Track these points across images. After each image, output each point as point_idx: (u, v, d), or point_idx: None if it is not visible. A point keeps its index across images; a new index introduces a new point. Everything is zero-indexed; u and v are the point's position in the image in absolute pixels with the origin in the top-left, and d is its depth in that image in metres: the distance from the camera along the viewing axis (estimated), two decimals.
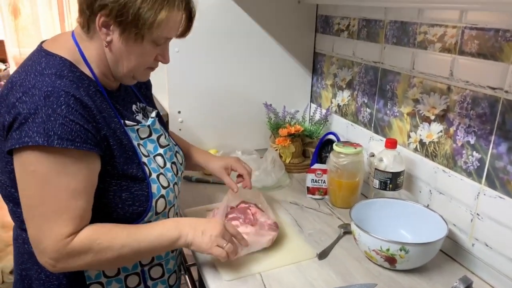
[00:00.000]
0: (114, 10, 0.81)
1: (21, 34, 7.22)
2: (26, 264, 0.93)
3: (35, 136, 0.76)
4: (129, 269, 0.96)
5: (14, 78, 0.84)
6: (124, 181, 0.89)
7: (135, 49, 0.87)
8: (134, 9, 0.81)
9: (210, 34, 1.55)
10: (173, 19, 0.86)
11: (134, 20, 0.82)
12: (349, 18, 1.49)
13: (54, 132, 0.76)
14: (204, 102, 1.62)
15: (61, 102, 0.78)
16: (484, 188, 1.01)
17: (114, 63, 0.89)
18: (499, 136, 0.96)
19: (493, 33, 0.95)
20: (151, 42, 0.87)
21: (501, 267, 0.98)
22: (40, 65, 0.83)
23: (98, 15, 0.82)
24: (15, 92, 0.80)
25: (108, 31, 0.84)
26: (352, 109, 1.53)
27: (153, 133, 1.00)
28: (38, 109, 0.77)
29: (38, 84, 0.79)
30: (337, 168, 1.29)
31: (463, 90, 1.05)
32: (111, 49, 0.87)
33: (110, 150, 0.87)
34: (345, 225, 1.21)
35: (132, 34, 0.84)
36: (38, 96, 0.78)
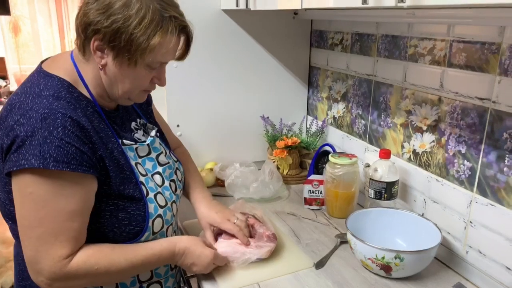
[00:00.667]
0: (107, 35, 0.82)
1: (22, 51, 7.30)
2: (27, 281, 0.93)
3: (31, 159, 0.77)
4: (127, 285, 0.97)
5: (13, 100, 0.85)
6: (121, 201, 0.90)
7: (129, 73, 0.87)
8: (127, 34, 0.81)
9: (208, 50, 1.59)
10: (166, 44, 0.86)
11: (126, 45, 0.82)
12: (343, 33, 1.53)
13: (50, 155, 0.77)
14: (202, 116, 1.65)
15: (57, 124, 0.79)
16: (476, 196, 1.03)
17: (109, 85, 0.90)
18: (488, 145, 0.99)
19: (479, 46, 0.99)
20: (145, 66, 0.88)
21: (495, 273, 0.99)
22: (39, 87, 0.85)
23: (92, 39, 0.83)
24: (13, 115, 0.81)
25: (102, 54, 0.85)
26: (347, 121, 1.56)
27: (152, 151, 1.01)
28: (35, 132, 0.78)
29: (36, 106, 0.80)
30: (333, 179, 1.32)
31: (453, 101, 1.08)
32: (106, 72, 0.88)
33: (106, 170, 0.88)
34: (341, 235, 1.23)
35: (125, 58, 0.84)
36: (35, 118, 0.79)
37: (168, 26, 0.85)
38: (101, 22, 0.81)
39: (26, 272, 0.92)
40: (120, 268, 0.87)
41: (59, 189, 0.80)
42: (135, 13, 0.81)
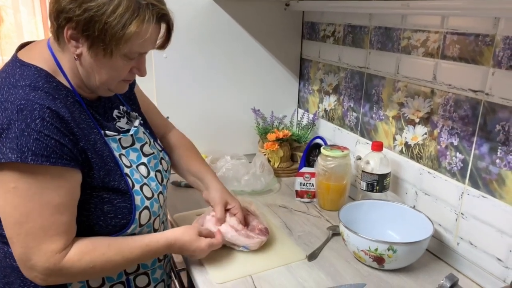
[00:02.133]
0: (80, 24, 0.77)
1: (4, 42, 7.12)
2: (9, 278, 0.91)
3: (8, 153, 0.73)
4: (114, 278, 0.95)
5: None
6: (106, 193, 0.87)
7: (105, 63, 0.83)
8: (101, 23, 0.77)
9: (198, 40, 1.57)
10: (143, 33, 0.81)
11: (101, 35, 0.78)
12: (335, 25, 1.52)
13: (28, 148, 0.74)
14: (192, 108, 1.63)
15: (35, 116, 0.75)
16: (468, 188, 1.04)
17: (86, 76, 0.86)
18: (481, 137, 0.99)
19: (473, 37, 0.99)
20: (123, 56, 0.83)
21: (485, 264, 1.00)
22: (14, 77, 0.81)
23: (65, 27, 0.79)
24: None
25: (77, 43, 0.81)
26: (338, 114, 1.56)
27: (136, 142, 0.98)
28: (11, 124, 0.74)
29: (11, 97, 0.76)
30: (325, 171, 1.31)
31: (446, 93, 1.08)
32: (81, 63, 0.84)
33: (89, 163, 0.84)
34: (333, 227, 1.23)
35: (100, 48, 0.80)
36: (10, 110, 0.75)
37: (145, 14, 0.80)
38: (73, 10, 0.76)
39: (7, 269, 0.90)
40: (116, 265, 0.88)
41: (43, 183, 0.77)
42: (109, 1, 0.76)
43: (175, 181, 1.50)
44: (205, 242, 0.99)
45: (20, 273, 0.87)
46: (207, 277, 1.01)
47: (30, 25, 6.81)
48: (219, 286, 0.98)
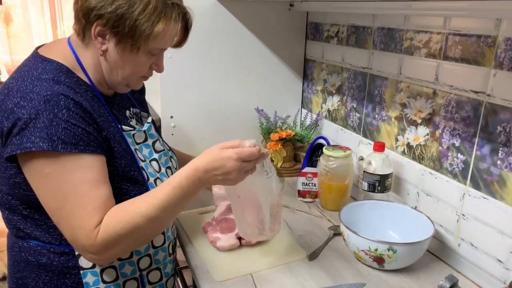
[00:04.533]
0: (111, 20, 0.81)
1: (13, 42, 7.21)
2: (22, 273, 0.93)
3: (39, 141, 0.76)
4: (128, 274, 0.95)
5: (10, 84, 0.83)
6: (124, 184, 0.89)
7: (130, 59, 0.87)
8: (131, 20, 0.81)
9: (203, 41, 1.58)
10: (169, 31, 0.87)
11: (130, 32, 0.82)
12: (338, 25, 1.53)
13: (58, 137, 0.77)
14: (196, 107, 1.64)
15: (61, 106, 0.78)
16: (469, 189, 1.04)
17: (109, 71, 0.90)
18: (482, 138, 0.99)
19: (475, 39, 0.99)
20: (147, 52, 0.88)
21: (486, 266, 1.00)
22: (37, 70, 0.83)
23: (94, 24, 0.83)
24: (12, 98, 0.80)
25: (103, 40, 0.85)
26: (341, 114, 1.56)
27: (149, 138, 1.01)
28: (39, 114, 0.77)
29: (36, 89, 0.79)
30: (327, 171, 1.32)
31: (447, 94, 1.08)
32: (106, 58, 0.88)
33: (111, 151, 0.87)
34: (335, 227, 1.23)
35: (128, 44, 0.84)
36: (37, 100, 0.78)
37: (171, 13, 0.85)
38: (105, 7, 0.81)
39: (21, 263, 0.92)
40: (147, 216, 0.80)
41: (74, 166, 0.79)
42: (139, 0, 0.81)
43: None
44: (231, 150, 0.84)
45: (34, 268, 0.90)
46: (208, 275, 1.02)
47: (39, 25, 6.88)
48: (220, 284, 0.99)
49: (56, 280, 0.90)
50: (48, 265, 0.90)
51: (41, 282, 0.91)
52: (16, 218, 0.89)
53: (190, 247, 1.14)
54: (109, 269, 0.92)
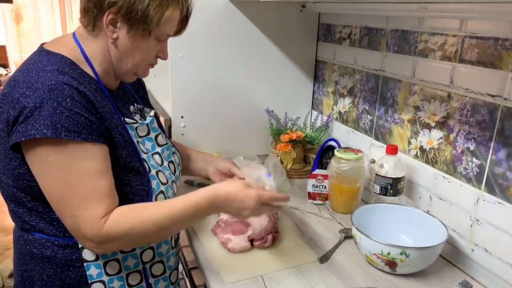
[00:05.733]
0: (124, 7, 0.84)
1: (23, 40, 7.26)
2: (27, 265, 0.94)
3: (43, 129, 0.77)
4: (131, 266, 0.96)
5: (16, 76, 0.85)
6: (126, 175, 0.90)
7: (140, 45, 0.90)
8: (143, 6, 0.85)
9: (214, 41, 1.57)
10: (176, 16, 0.92)
11: (142, 17, 0.86)
12: (351, 27, 1.52)
13: (62, 125, 0.78)
14: (206, 107, 1.64)
15: (65, 95, 0.80)
16: (484, 194, 1.02)
17: (119, 59, 0.92)
18: (498, 143, 0.98)
19: (492, 41, 0.97)
20: (155, 38, 0.91)
21: (500, 272, 0.99)
22: (42, 63, 0.85)
23: (107, 12, 0.85)
24: (18, 88, 0.82)
25: (114, 28, 0.88)
26: (353, 116, 1.55)
27: (151, 131, 1.02)
28: (44, 102, 0.78)
29: (41, 79, 0.81)
30: (338, 174, 1.31)
31: (463, 98, 1.06)
32: (116, 46, 0.90)
33: (113, 141, 0.89)
34: (345, 230, 1.22)
35: (140, 30, 0.87)
36: (42, 90, 0.79)
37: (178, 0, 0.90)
38: None
39: (27, 256, 0.93)
40: (158, 224, 0.84)
41: (77, 155, 0.81)
42: None
43: (188, 179, 1.51)
44: (255, 191, 0.90)
45: (38, 260, 0.91)
46: (219, 276, 1.02)
47: (48, 24, 6.93)
48: (230, 285, 0.99)
49: (60, 272, 0.91)
50: (52, 257, 0.91)
51: (45, 275, 0.92)
52: (21, 210, 0.90)
53: (200, 248, 1.13)
54: (113, 262, 0.93)
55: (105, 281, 0.93)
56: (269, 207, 0.94)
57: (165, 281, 1.04)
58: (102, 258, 0.92)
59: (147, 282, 0.99)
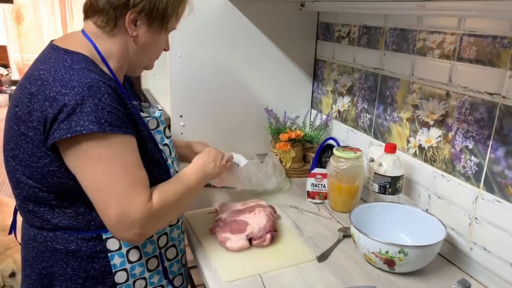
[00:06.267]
0: (146, 8, 0.92)
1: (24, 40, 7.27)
2: (47, 262, 0.95)
3: (88, 124, 0.81)
4: (150, 252, 1.02)
5: (42, 75, 0.86)
6: (148, 166, 0.93)
7: (157, 40, 0.99)
8: (162, 5, 0.93)
9: (213, 40, 1.57)
10: (184, 12, 1.02)
11: (162, 14, 0.94)
12: (350, 25, 1.52)
13: (105, 120, 0.83)
14: (205, 107, 1.64)
15: (102, 91, 0.84)
16: (482, 193, 1.02)
17: (138, 54, 0.99)
18: (496, 141, 0.98)
19: (490, 40, 0.97)
20: (166, 32, 1.00)
21: (499, 270, 0.99)
22: (66, 61, 0.87)
23: (129, 12, 0.91)
24: (50, 87, 0.83)
25: (135, 27, 0.94)
26: (352, 115, 1.55)
27: (160, 124, 1.06)
28: (85, 100, 0.81)
29: (75, 77, 0.84)
30: (337, 173, 1.31)
31: (461, 96, 1.06)
32: (137, 43, 0.96)
33: (140, 135, 0.94)
34: (344, 229, 1.22)
35: (158, 27, 0.96)
36: (80, 87, 0.82)
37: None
38: None
39: (47, 253, 0.95)
40: (185, 194, 0.99)
41: (120, 147, 0.86)
42: None
43: None
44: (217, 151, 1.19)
45: (62, 255, 0.94)
46: (217, 274, 1.02)
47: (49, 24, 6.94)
48: (228, 284, 0.99)
49: (84, 265, 0.95)
50: (76, 251, 0.94)
51: (70, 269, 0.95)
52: (42, 209, 0.92)
53: (198, 247, 1.13)
54: (134, 250, 0.98)
55: (127, 268, 0.98)
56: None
57: (178, 264, 1.10)
58: (125, 246, 0.97)
59: (163, 266, 1.05)
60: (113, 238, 0.95)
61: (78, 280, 0.95)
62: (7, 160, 0.93)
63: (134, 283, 1.00)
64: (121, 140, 0.86)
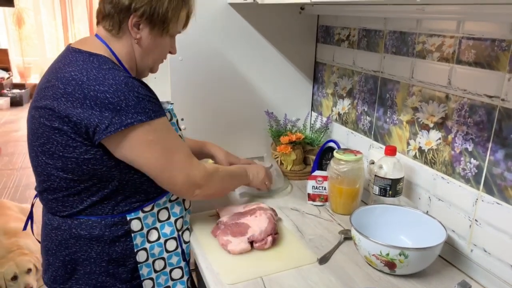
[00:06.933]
0: (147, 11, 0.98)
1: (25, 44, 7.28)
2: (71, 249, 1.02)
3: (137, 116, 0.92)
4: (168, 234, 1.10)
5: (75, 77, 0.92)
6: None
7: (159, 42, 1.05)
8: (163, 9, 0.99)
9: (213, 43, 1.58)
10: (187, 15, 1.07)
11: (162, 18, 1.00)
12: (349, 28, 1.53)
13: (149, 109, 0.94)
14: (206, 110, 1.65)
15: (136, 85, 0.94)
16: (482, 195, 1.03)
17: (142, 56, 1.05)
18: (496, 143, 0.98)
19: (489, 43, 0.98)
20: (170, 36, 1.06)
21: (499, 272, 0.99)
22: (94, 63, 0.94)
23: (131, 16, 0.98)
24: (87, 86, 0.91)
25: (137, 30, 1.01)
26: (352, 117, 1.55)
27: (173, 117, 1.14)
28: (126, 95, 0.91)
29: (109, 76, 0.92)
30: (338, 175, 1.31)
31: (461, 99, 1.07)
32: (140, 45, 1.03)
33: None
34: (345, 231, 1.23)
35: (160, 30, 1.02)
36: (118, 85, 0.91)
37: (188, 1, 1.05)
38: (141, 1, 0.97)
39: (71, 240, 1.02)
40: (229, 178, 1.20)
41: (164, 128, 0.99)
42: None
43: None
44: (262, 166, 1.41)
45: (86, 240, 1.01)
46: (218, 277, 1.02)
47: (50, 27, 6.96)
48: (230, 287, 0.99)
49: (107, 248, 1.02)
50: (100, 236, 1.01)
51: (94, 252, 1.02)
52: (72, 198, 1.00)
53: (200, 249, 1.14)
54: (153, 230, 1.07)
55: (147, 248, 1.06)
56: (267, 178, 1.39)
57: (190, 247, 1.18)
58: (146, 227, 1.05)
59: (181, 248, 1.13)
60: (136, 219, 1.03)
61: (102, 263, 1.02)
62: (37, 155, 0.99)
63: (153, 262, 1.08)
64: (163, 122, 0.98)
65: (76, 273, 1.03)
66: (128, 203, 1.03)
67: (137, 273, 1.06)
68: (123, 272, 1.04)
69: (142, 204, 1.05)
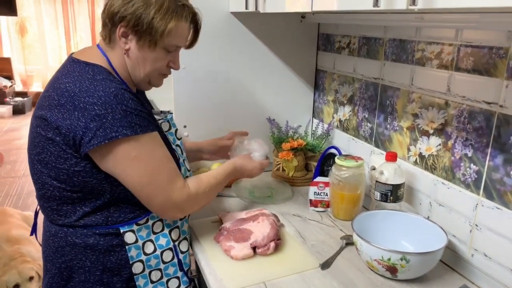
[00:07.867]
0: (132, 20, 0.95)
1: (27, 52, 7.33)
2: (67, 256, 1.02)
3: (122, 130, 0.89)
4: (164, 245, 1.08)
5: (68, 87, 0.92)
6: None
7: (149, 55, 1.00)
8: (148, 19, 0.95)
9: (216, 52, 1.60)
10: (181, 28, 1.01)
11: (148, 29, 0.96)
12: (350, 36, 1.55)
13: (135, 123, 0.91)
14: (209, 117, 1.67)
15: (126, 97, 0.92)
16: (482, 200, 1.04)
17: (133, 68, 1.03)
18: (495, 149, 1.00)
19: (487, 50, 1.00)
20: (163, 49, 1.01)
21: (500, 276, 1.00)
22: (89, 73, 0.94)
23: (119, 26, 0.96)
24: (78, 98, 0.90)
25: (126, 40, 0.98)
26: (353, 124, 1.57)
27: (172, 127, 1.13)
28: (113, 107, 0.89)
29: (100, 87, 0.91)
30: (339, 181, 1.32)
31: (460, 105, 1.09)
32: (129, 56, 1.01)
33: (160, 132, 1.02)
34: (347, 237, 1.23)
35: (147, 41, 0.97)
36: (107, 97, 0.89)
37: (182, 13, 0.99)
38: (126, 9, 0.95)
39: (67, 247, 1.02)
40: (215, 187, 1.13)
41: (151, 145, 0.96)
42: (155, 1, 0.95)
43: None
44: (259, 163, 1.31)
45: (81, 249, 1.01)
46: (221, 283, 1.03)
47: (53, 36, 7.01)
48: None
49: (102, 258, 1.01)
50: (94, 245, 1.01)
51: (88, 261, 1.01)
52: (65, 208, 0.99)
53: (203, 255, 1.15)
54: (148, 243, 1.06)
55: (143, 260, 1.05)
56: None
57: (188, 256, 1.17)
58: (141, 239, 1.04)
59: (178, 258, 1.11)
60: (130, 232, 1.02)
61: (96, 272, 1.02)
62: (33, 163, 1.00)
63: (150, 273, 1.06)
64: (151, 138, 0.95)
65: (72, 280, 1.03)
66: (122, 213, 1.02)
67: (132, 283, 1.04)
68: (117, 281, 1.03)
69: (136, 217, 1.03)
